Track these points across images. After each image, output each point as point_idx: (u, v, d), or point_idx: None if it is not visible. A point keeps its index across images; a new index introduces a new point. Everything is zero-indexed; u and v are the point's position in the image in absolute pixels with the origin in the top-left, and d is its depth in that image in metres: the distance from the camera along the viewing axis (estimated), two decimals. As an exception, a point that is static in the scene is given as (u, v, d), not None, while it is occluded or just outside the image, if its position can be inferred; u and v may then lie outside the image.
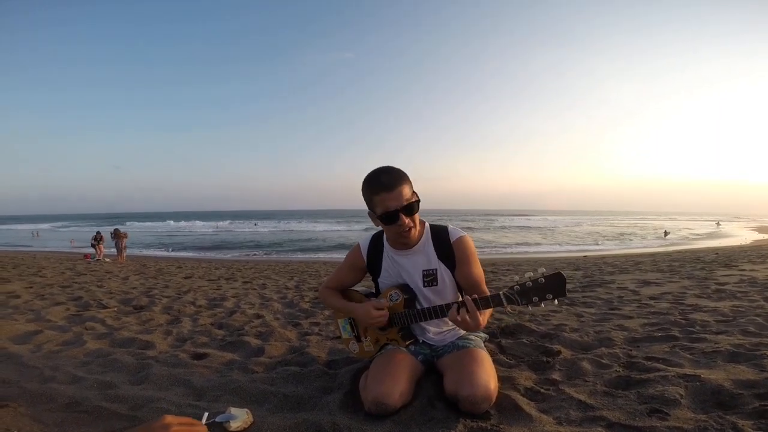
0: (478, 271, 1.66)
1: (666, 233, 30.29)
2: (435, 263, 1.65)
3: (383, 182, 1.48)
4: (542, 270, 1.37)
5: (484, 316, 1.43)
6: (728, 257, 8.75)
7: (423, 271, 1.65)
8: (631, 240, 26.98)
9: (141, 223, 49.97)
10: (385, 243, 1.72)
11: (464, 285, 1.66)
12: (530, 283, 1.36)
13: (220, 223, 53.07)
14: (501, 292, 1.39)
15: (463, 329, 1.49)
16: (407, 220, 1.52)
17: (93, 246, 13.34)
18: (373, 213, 1.58)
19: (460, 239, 1.64)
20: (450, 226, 1.69)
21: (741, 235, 27.14)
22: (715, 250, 12.87)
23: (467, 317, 1.38)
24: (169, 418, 1.03)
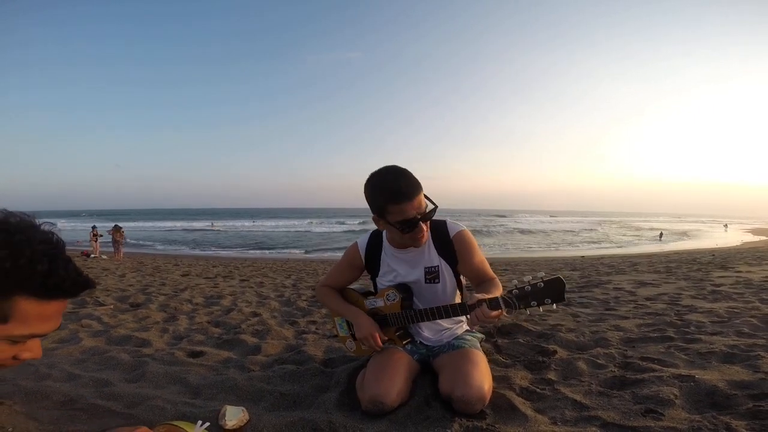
0: (480, 260, 1.64)
1: (661, 235, 30.45)
2: (436, 260, 1.63)
3: (403, 190, 1.41)
4: (541, 274, 1.34)
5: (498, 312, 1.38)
6: (725, 259, 8.79)
7: (425, 268, 1.64)
8: (628, 241, 27.08)
9: (143, 223, 49.74)
10: (385, 241, 1.71)
11: (470, 276, 1.66)
12: (529, 287, 1.33)
13: (218, 222, 52.97)
14: (499, 296, 1.36)
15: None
16: (425, 228, 1.50)
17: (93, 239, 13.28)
18: (383, 219, 1.49)
19: (460, 233, 1.62)
20: (448, 220, 1.66)
21: (735, 237, 27.32)
22: (712, 252, 12.93)
23: (482, 317, 1.36)
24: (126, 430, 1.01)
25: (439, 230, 1.64)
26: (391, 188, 1.42)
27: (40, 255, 0.70)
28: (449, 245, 1.63)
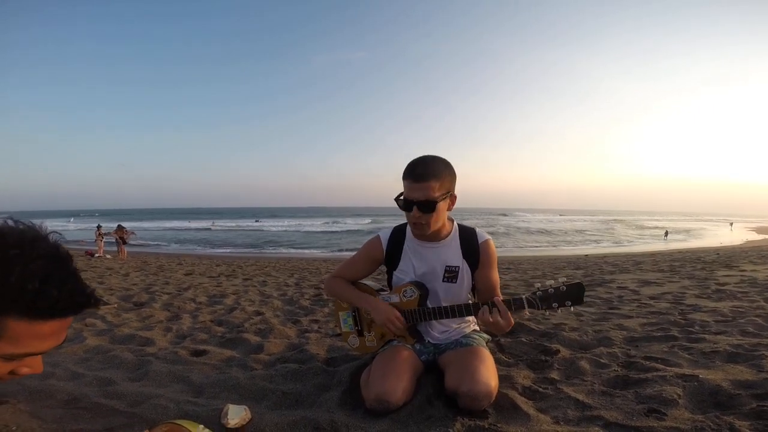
0: (497, 276, 1.70)
1: (666, 234, 30.34)
2: (459, 261, 1.66)
3: (415, 171, 1.48)
4: (563, 279, 1.42)
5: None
6: (729, 257, 8.73)
7: (447, 266, 1.66)
8: (632, 240, 26.97)
9: (145, 223, 49.90)
10: (408, 233, 1.72)
11: (482, 287, 1.68)
12: (552, 290, 1.41)
13: (219, 221, 53.14)
14: (523, 296, 1.43)
15: (493, 331, 1.53)
16: (418, 214, 1.51)
17: (100, 236, 13.46)
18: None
19: (487, 242, 1.67)
20: (478, 229, 1.71)
21: (739, 236, 27.20)
22: (717, 251, 12.85)
23: (499, 318, 1.40)
24: None
25: (468, 235, 1.69)
26: (409, 167, 1.52)
27: (31, 273, 0.64)
28: (475, 250, 1.66)
